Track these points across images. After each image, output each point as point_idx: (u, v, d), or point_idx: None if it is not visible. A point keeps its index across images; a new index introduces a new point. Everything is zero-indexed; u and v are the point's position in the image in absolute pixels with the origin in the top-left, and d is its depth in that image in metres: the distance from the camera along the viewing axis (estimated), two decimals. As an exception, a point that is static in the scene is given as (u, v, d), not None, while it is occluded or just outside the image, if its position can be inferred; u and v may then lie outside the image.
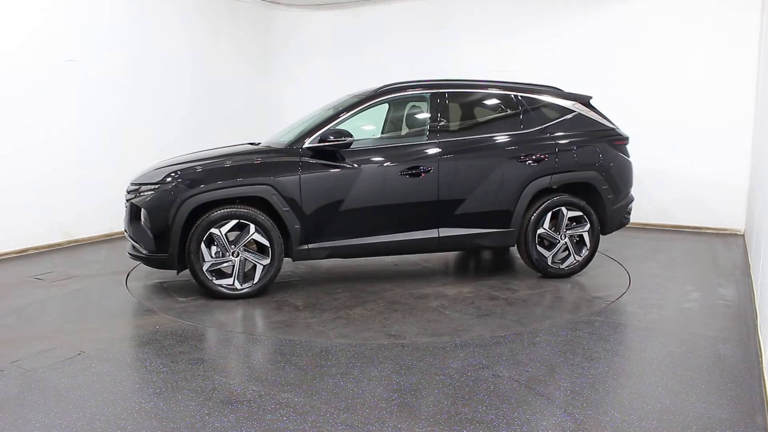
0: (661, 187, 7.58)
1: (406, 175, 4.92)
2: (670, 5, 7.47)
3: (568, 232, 5.25)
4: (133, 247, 4.90)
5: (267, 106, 9.63)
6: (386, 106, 5.68)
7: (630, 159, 5.50)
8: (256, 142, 5.54)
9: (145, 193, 4.75)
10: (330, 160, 4.84)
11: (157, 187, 4.72)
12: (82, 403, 3.00)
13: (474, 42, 8.59)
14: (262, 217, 4.67)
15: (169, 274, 5.27)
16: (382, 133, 5.74)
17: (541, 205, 5.17)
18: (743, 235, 7.21)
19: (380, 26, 9.29)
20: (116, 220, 7.26)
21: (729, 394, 3.10)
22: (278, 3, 9.61)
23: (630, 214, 5.63)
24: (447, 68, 8.30)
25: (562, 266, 5.30)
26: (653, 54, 7.58)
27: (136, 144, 7.47)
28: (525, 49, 8.29)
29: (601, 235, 5.41)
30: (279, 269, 4.83)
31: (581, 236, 5.29)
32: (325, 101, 5.87)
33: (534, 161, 5.15)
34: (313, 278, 5.54)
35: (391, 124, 5.78)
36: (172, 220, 4.60)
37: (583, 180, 5.29)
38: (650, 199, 7.53)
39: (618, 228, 5.54)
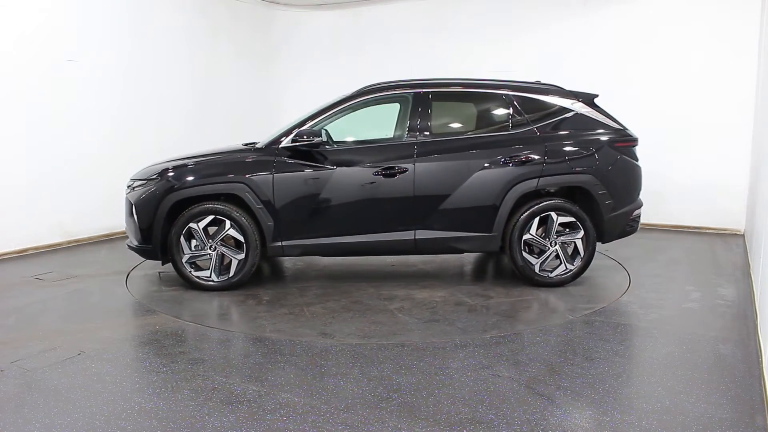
0: (661, 186, 7.57)
1: (381, 175, 4.89)
2: (670, 6, 7.47)
3: (560, 238, 4.96)
4: (129, 238, 5.28)
5: (267, 105, 9.64)
6: (398, 105, 5.66)
7: (638, 162, 5.15)
8: (254, 142, 5.55)
9: (137, 189, 5.09)
10: (306, 160, 4.94)
11: (144, 183, 5.06)
12: (82, 403, 3.00)
13: (474, 42, 8.60)
14: (236, 213, 4.88)
15: (169, 266, 5.35)
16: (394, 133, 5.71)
17: (527, 210, 4.92)
18: (743, 235, 7.22)
19: (380, 26, 9.30)
20: (116, 220, 7.26)
21: (729, 394, 3.10)
22: (278, 3, 9.61)
23: (637, 222, 5.22)
24: (448, 68, 8.29)
25: (551, 275, 5.00)
26: (653, 54, 7.59)
27: (136, 144, 7.47)
28: (525, 48, 8.29)
29: (601, 244, 5.17)
30: (254, 264, 4.98)
31: (575, 244, 5.00)
32: (324, 101, 5.86)
33: (519, 163, 4.90)
34: (301, 274, 5.66)
35: (397, 125, 5.74)
36: (155, 214, 4.91)
37: (575, 184, 4.98)
38: (650, 199, 7.50)
39: (620, 236, 5.19)
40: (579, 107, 5.13)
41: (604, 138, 5.05)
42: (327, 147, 5.02)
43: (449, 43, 8.77)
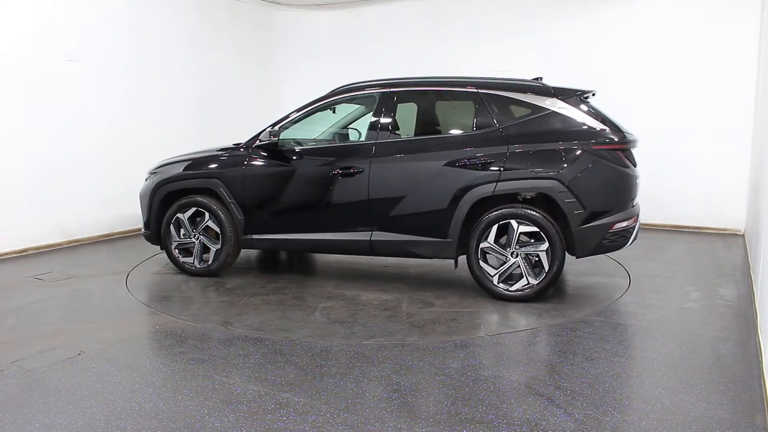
0: (661, 187, 7.56)
1: (338, 175, 4.92)
2: (670, 6, 7.47)
3: (523, 249, 4.53)
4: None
5: (267, 105, 9.62)
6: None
7: (628, 168, 4.56)
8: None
9: (146, 181, 5.67)
10: (278, 159, 5.18)
11: (149, 176, 5.67)
12: (82, 403, 3.00)
13: (475, 42, 8.59)
14: (214, 206, 5.29)
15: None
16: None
17: (484, 217, 4.59)
18: (743, 235, 7.21)
19: (380, 26, 9.29)
20: (116, 220, 7.29)
21: (729, 394, 3.10)
22: (278, 3, 9.61)
23: (623, 236, 4.56)
24: (448, 68, 8.28)
25: (510, 289, 4.60)
26: (653, 54, 7.58)
27: (135, 144, 7.46)
28: (527, 48, 8.28)
29: (575, 258, 4.67)
30: (229, 254, 5.34)
31: (539, 257, 4.53)
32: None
33: (476, 166, 4.58)
34: (288, 267, 5.98)
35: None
36: (151, 204, 5.52)
37: (538, 190, 4.53)
38: (650, 199, 7.51)
39: (598, 252, 4.60)
40: (558, 106, 4.60)
41: (578, 140, 4.50)
42: (294, 147, 5.24)
43: (449, 43, 8.76)
